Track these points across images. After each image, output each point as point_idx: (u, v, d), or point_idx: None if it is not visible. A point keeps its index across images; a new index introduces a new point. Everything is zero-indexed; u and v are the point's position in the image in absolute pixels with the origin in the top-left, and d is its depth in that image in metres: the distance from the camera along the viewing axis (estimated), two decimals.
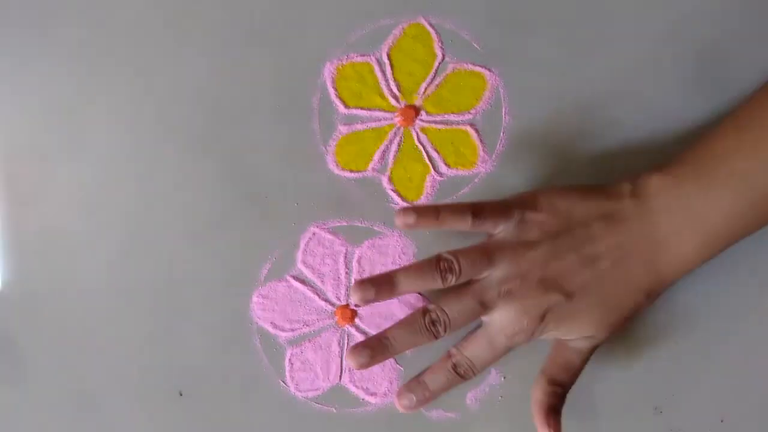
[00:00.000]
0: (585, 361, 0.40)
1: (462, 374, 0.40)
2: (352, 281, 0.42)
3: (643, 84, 0.42)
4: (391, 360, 0.42)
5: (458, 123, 0.43)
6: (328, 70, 0.42)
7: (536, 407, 0.39)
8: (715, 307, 0.42)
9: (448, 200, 0.42)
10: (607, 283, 0.38)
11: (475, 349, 0.39)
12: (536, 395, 0.40)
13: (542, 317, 0.38)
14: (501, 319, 0.38)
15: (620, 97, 0.42)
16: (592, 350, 0.40)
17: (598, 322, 0.38)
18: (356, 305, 0.42)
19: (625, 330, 0.40)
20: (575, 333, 0.39)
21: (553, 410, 0.39)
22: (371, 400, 0.42)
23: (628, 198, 0.39)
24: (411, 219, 0.38)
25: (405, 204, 0.42)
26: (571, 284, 0.38)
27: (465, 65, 0.43)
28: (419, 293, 0.42)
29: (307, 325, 0.43)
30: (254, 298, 0.42)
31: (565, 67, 0.42)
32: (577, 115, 0.42)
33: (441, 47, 0.42)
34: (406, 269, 0.38)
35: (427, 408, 0.42)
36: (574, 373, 0.40)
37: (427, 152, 0.43)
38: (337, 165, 0.43)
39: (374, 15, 0.42)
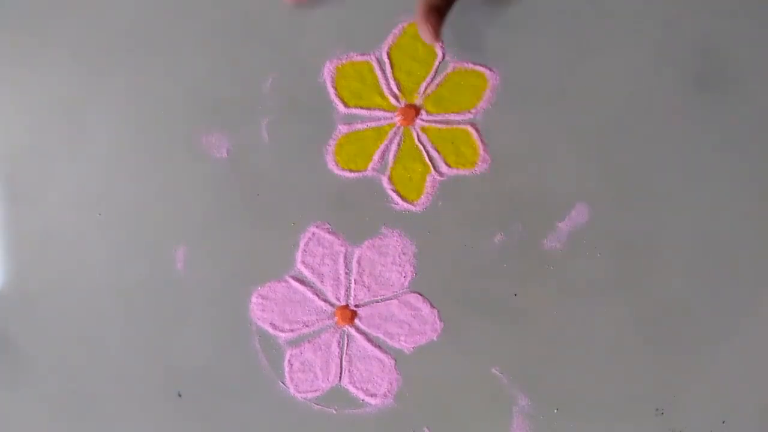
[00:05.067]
0: None
1: None
2: (352, 282, 0.42)
3: (643, 83, 0.42)
4: (391, 363, 0.42)
5: (459, 122, 0.42)
6: (327, 69, 0.42)
7: (420, 6, 0.36)
8: (715, 307, 0.42)
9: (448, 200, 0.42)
10: None
11: None
12: None
13: None
14: None
15: (620, 96, 0.42)
16: None
17: None
18: (356, 305, 0.42)
19: None
20: None
21: (436, 9, 0.36)
22: (371, 401, 0.42)
23: None
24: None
25: None
26: None
27: (465, 64, 0.42)
28: (420, 294, 0.42)
29: (307, 326, 0.42)
30: (254, 299, 0.42)
31: (565, 66, 0.42)
32: (576, 115, 0.42)
33: (441, 46, 0.42)
34: None
35: None
36: None
37: (427, 152, 0.42)
38: (337, 165, 0.42)
39: (374, 14, 0.42)
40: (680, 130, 0.42)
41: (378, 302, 0.42)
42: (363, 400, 0.42)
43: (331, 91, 0.42)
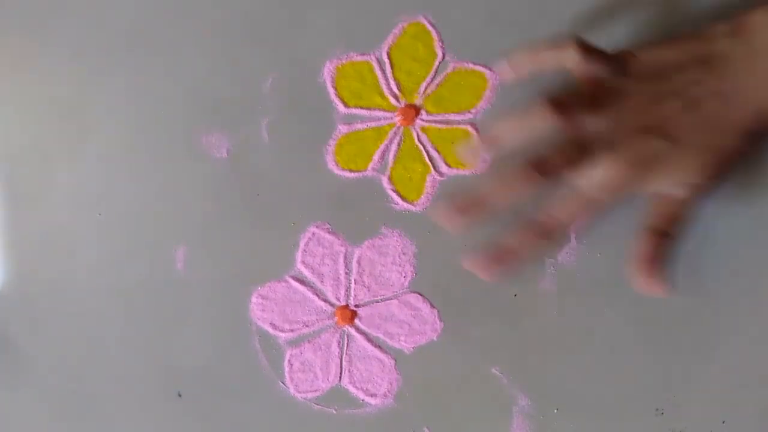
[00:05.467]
0: (688, 210, 0.38)
1: (547, 234, 0.38)
2: (352, 282, 0.42)
3: None
4: (391, 363, 0.42)
5: (459, 122, 0.42)
6: (327, 69, 0.42)
7: (639, 257, 0.38)
8: (715, 307, 0.42)
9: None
10: (710, 126, 0.36)
11: (567, 208, 0.37)
12: (639, 246, 0.38)
13: (644, 166, 0.36)
14: (600, 172, 0.36)
15: None
16: (693, 198, 0.38)
17: (700, 167, 0.37)
18: (356, 305, 0.42)
19: (724, 176, 0.39)
20: (676, 181, 0.37)
21: (659, 260, 0.37)
22: (371, 401, 0.42)
23: (728, 38, 0.37)
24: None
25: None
26: (674, 129, 0.36)
27: (465, 64, 0.42)
28: (420, 294, 0.42)
29: (307, 326, 0.42)
30: (253, 299, 0.42)
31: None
32: None
33: (441, 46, 0.42)
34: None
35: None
36: (679, 223, 0.38)
37: (427, 152, 0.42)
38: (336, 165, 0.42)
39: (374, 14, 0.42)
40: None
41: (378, 302, 0.42)
42: (363, 400, 0.42)
43: (331, 91, 0.42)
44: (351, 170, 0.42)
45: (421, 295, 0.42)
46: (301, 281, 0.42)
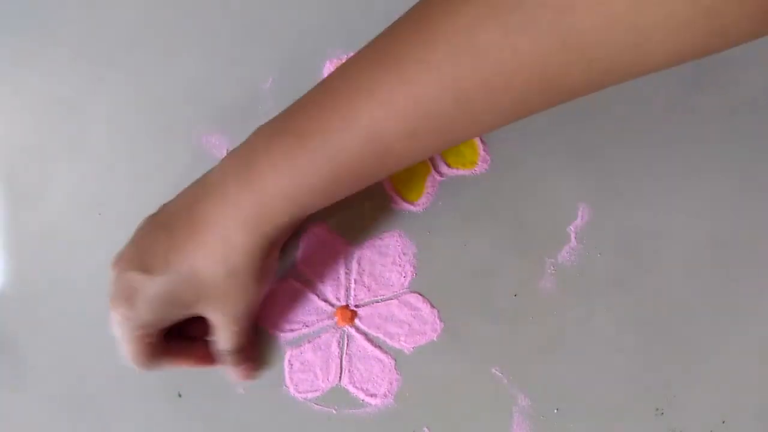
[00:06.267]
0: (219, 328, 0.38)
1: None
2: (352, 282, 0.42)
3: (644, 82, 0.42)
4: (391, 363, 0.42)
5: None
6: (327, 69, 0.42)
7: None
8: (715, 307, 0.42)
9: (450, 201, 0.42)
10: (179, 254, 0.35)
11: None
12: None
13: (127, 299, 0.35)
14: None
15: (621, 95, 0.42)
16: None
17: (169, 295, 0.35)
18: (356, 305, 0.42)
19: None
20: (157, 308, 0.36)
21: (239, 366, 0.40)
22: (371, 401, 0.42)
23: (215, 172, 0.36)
24: None
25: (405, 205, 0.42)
26: (150, 259, 0.35)
27: None
28: (420, 294, 0.42)
29: (307, 326, 0.42)
30: None
31: None
32: (577, 114, 0.42)
33: None
34: None
35: None
36: (225, 339, 0.38)
37: None
38: None
39: (374, 14, 0.42)
40: (681, 130, 0.42)
41: (378, 302, 0.42)
42: (363, 400, 0.42)
43: None
44: None
45: (421, 295, 0.42)
46: (301, 281, 0.42)
